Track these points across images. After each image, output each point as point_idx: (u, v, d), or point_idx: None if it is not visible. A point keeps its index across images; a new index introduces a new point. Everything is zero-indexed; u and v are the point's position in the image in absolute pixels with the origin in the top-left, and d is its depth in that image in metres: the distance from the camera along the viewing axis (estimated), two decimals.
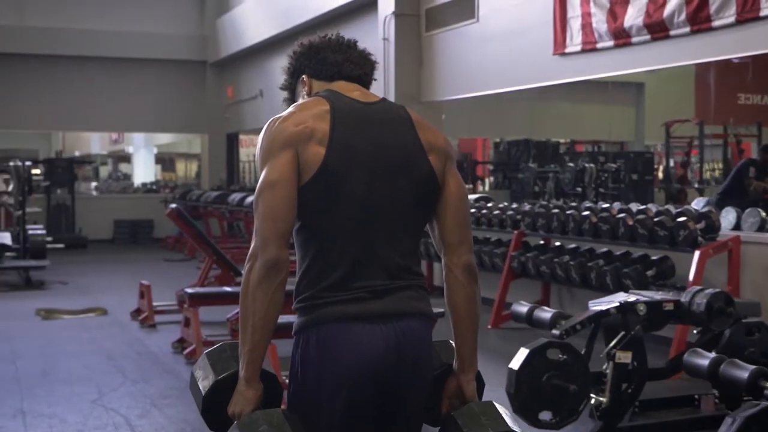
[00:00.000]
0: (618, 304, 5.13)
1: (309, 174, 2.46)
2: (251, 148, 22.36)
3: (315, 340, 2.47)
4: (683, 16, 8.00)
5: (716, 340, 5.36)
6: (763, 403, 4.31)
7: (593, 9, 9.09)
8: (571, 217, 8.64)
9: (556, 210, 9.01)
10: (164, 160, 31.57)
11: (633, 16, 8.60)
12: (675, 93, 17.29)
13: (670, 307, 5.29)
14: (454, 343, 2.68)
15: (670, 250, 7.66)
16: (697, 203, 9.13)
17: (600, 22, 9.02)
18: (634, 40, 8.63)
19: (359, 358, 2.45)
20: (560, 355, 4.82)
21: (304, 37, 2.75)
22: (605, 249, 8.52)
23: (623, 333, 5.05)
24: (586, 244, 8.77)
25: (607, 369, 5.02)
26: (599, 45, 9.11)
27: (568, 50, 9.55)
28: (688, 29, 8.01)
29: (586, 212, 8.52)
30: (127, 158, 31.36)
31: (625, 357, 5.02)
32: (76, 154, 29.40)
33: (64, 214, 19.40)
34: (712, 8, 7.72)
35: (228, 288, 8.90)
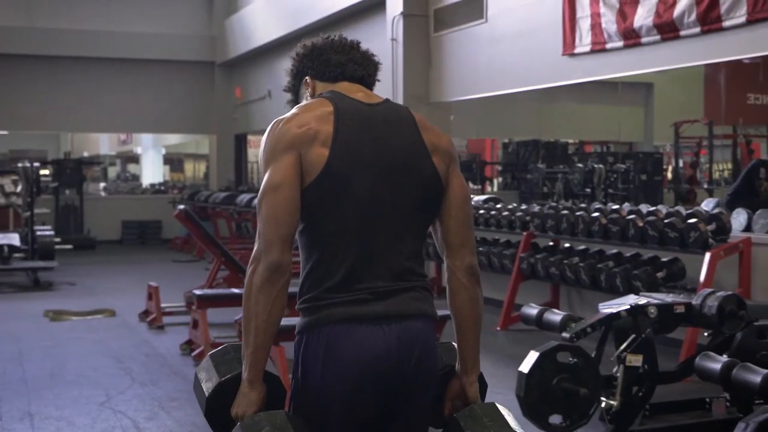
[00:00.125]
0: (629, 307, 5.09)
1: (312, 175, 2.46)
2: (259, 148, 22.31)
3: (317, 340, 2.48)
4: (693, 17, 7.95)
5: (727, 343, 5.32)
6: None
7: (603, 9, 9.04)
8: (580, 219, 8.60)
9: (565, 211, 8.97)
10: (172, 161, 31.57)
11: (643, 17, 8.55)
12: (684, 93, 17.24)
13: (681, 309, 5.25)
14: (456, 344, 2.68)
15: (680, 251, 7.61)
16: (707, 204, 9.08)
17: (609, 22, 8.98)
18: (644, 40, 8.59)
19: (360, 359, 2.45)
20: (570, 358, 4.80)
21: (307, 39, 2.75)
22: (615, 250, 8.48)
23: (634, 336, 5.02)
24: (595, 245, 8.73)
25: (618, 372, 4.99)
26: (609, 45, 9.06)
27: (577, 51, 9.51)
28: (698, 29, 7.96)
29: (596, 213, 8.48)
30: (135, 159, 31.37)
31: (636, 360, 4.99)
32: (85, 155, 29.41)
33: (72, 215, 19.43)
34: (723, 8, 7.68)
35: (236, 290, 8.85)
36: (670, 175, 18.85)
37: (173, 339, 8.57)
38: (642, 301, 5.19)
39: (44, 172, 18.86)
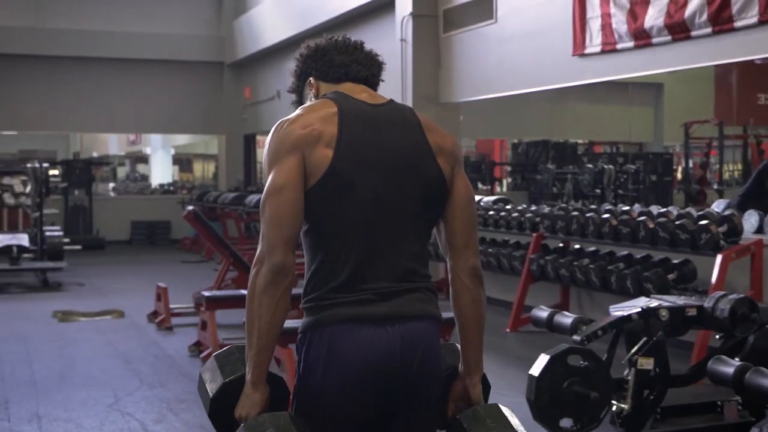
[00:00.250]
0: (640, 310, 5.05)
1: (316, 177, 2.46)
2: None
3: (320, 339, 2.48)
4: (705, 17, 7.90)
5: (740, 346, 5.27)
6: None
7: (613, 9, 9.00)
8: (590, 220, 8.56)
9: (575, 212, 8.93)
10: (181, 161, 31.63)
11: (653, 17, 8.50)
12: (694, 93, 17.20)
13: (692, 312, 5.21)
14: (459, 346, 2.69)
15: (691, 253, 7.57)
16: (717, 205, 9.03)
17: (620, 22, 8.93)
18: (655, 40, 8.54)
19: (363, 359, 2.45)
20: (581, 362, 4.75)
21: (310, 40, 2.75)
22: (625, 252, 8.44)
23: (645, 339, 4.98)
24: (606, 247, 8.69)
25: (629, 375, 4.94)
26: (619, 46, 9.02)
27: (587, 51, 9.46)
28: (709, 30, 7.91)
29: (606, 215, 8.43)
30: (144, 159, 31.43)
31: (647, 363, 4.94)
32: (94, 155, 29.46)
33: (81, 216, 19.45)
34: (735, 8, 7.62)
35: (245, 291, 8.81)
36: (679, 175, 18.80)
37: (182, 340, 8.56)
38: (653, 303, 5.14)
39: (53, 172, 18.87)
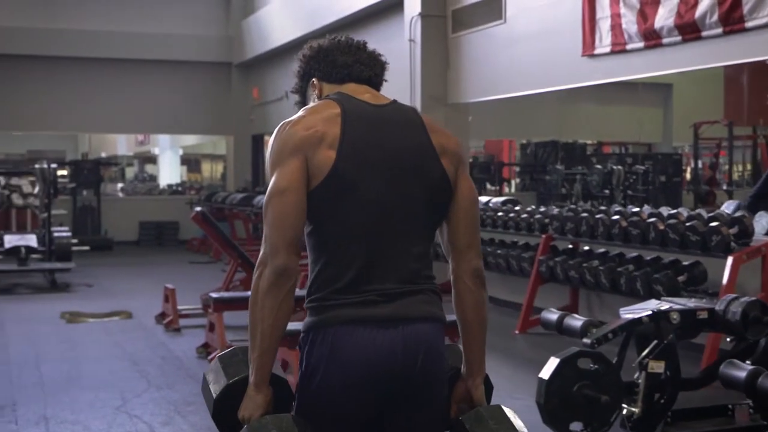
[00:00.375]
0: (651, 313, 5.02)
1: (320, 178, 2.45)
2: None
3: (322, 340, 2.48)
4: (715, 17, 7.86)
5: (751, 349, 5.24)
6: None
7: (623, 10, 8.96)
8: (600, 221, 8.51)
9: (584, 214, 8.88)
10: (190, 162, 31.66)
11: (664, 17, 8.46)
12: (703, 94, 17.14)
13: (704, 315, 5.18)
14: (462, 347, 2.68)
15: (702, 255, 7.52)
16: (727, 206, 8.98)
17: (630, 23, 8.89)
18: (665, 41, 8.50)
19: (365, 360, 2.45)
20: (591, 365, 4.73)
21: (313, 40, 2.74)
22: (635, 254, 8.39)
23: (656, 342, 4.94)
24: (615, 248, 8.63)
25: (640, 379, 4.92)
26: (629, 46, 8.98)
27: (597, 51, 9.43)
28: (720, 30, 7.87)
29: (616, 216, 8.39)
30: (152, 159, 31.45)
31: (658, 366, 4.92)
32: (102, 155, 29.53)
33: (89, 216, 19.47)
34: (746, 9, 7.58)
35: None
36: (689, 176, 18.74)
37: (189, 342, 8.53)
38: (664, 306, 5.11)
39: (62, 172, 18.92)
